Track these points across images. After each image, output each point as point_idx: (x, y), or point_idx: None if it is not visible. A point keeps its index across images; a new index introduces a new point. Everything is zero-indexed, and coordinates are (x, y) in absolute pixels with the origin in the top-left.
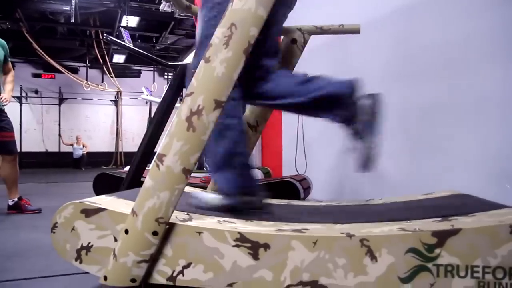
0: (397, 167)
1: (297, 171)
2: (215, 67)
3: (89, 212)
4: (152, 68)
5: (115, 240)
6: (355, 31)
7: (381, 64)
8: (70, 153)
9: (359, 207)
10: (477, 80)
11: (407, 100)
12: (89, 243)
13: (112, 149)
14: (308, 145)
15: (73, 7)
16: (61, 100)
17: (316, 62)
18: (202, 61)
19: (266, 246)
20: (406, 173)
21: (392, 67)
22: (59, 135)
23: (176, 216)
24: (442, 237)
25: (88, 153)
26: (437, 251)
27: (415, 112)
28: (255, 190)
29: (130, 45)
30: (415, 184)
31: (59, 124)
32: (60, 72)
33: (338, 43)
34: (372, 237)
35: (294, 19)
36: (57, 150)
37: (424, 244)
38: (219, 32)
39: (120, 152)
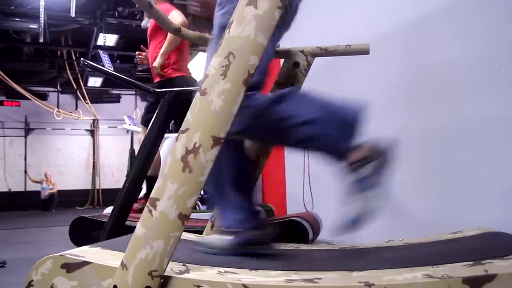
0: (419, 201)
1: (305, 208)
2: (212, 100)
3: (71, 267)
4: (133, 92)
5: None
6: (364, 51)
7: (394, 82)
8: (38, 193)
9: (377, 250)
10: (506, 97)
11: (427, 123)
12: None
13: (88, 186)
14: (315, 177)
15: (42, 25)
16: (28, 130)
17: (315, 83)
18: (197, 94)
19: None
20: (429, 208)
21: (408, 85)
22: (25, 171)
23: (172, 268)
24: (474, 284)
25: (60, 191)
26: None
27: (437, 137)
28: (261, 223)
29: (111, 70)
30: (440, 220)
31: (25, 159)
32: (26, 98)
33: (342, 61)
34: (394, 286)
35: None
36: (22, 189)
37: None
38: (216, 62)
39: (97, 190)
